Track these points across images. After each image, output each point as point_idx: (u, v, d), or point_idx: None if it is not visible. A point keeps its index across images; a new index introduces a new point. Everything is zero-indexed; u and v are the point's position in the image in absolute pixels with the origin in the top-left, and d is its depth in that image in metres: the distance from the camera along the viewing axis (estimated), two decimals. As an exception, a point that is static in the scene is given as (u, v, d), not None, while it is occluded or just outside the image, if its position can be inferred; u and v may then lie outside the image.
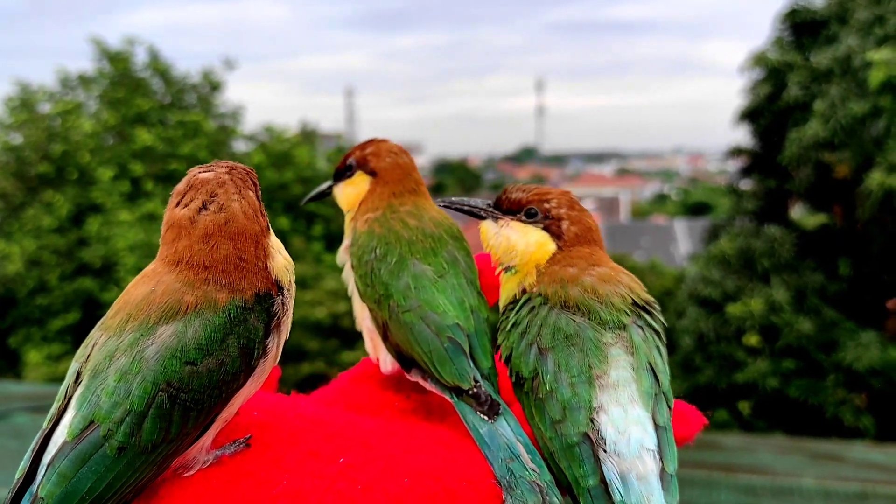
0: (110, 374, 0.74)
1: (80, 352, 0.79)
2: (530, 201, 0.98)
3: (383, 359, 1.05)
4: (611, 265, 0.96)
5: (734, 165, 8.90)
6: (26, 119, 11.16)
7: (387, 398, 1.05)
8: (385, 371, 1.06)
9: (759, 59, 7.67)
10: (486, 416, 0.89)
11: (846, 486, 1.73)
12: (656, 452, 0.81)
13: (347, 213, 1.15)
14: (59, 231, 10.41)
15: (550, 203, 0.98)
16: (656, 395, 0.85)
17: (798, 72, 7.20)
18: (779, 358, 6.63)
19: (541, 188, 1.00)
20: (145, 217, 10.13)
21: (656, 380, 0.86)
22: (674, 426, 0.87)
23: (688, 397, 1.05)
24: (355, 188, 1.14)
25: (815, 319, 6.63)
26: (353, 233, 1.10)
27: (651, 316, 0.92)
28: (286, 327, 0.83)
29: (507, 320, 0.94)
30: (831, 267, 7.09)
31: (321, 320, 8.06)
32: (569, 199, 0.99)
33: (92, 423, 0.72)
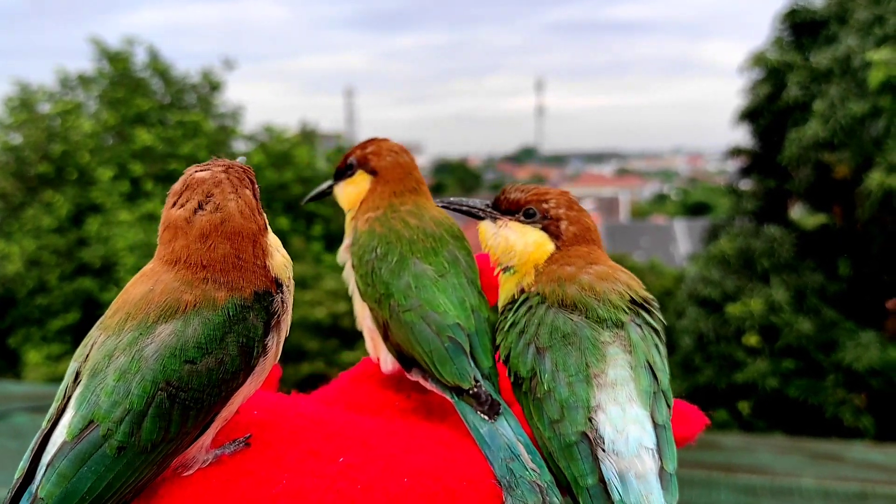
0: (109, 374, 0.73)
1: (79, 351, 0.79)
2: (529, 201, 0.98)
3: (384, 358, 1.05)
4: (609, 263, 0.96)
5: (734, 165, 8.89)
6: (26, 119, 11.15)
7: (387, 398, 1.05)
8: (385, 370, 1.06)
9: (759, 60, 7.67)
10: (486, 416, 0.89)
11: (846, 486, 1.73)
12: (655, 451, 0.81)
13: (348, 213, 1.15)
14: (59, 231, 10.40)
15: (549, 203, 0.98)
16: (655, 394, 0.85)
17: (798, 72, 7.20)
18: (778, 358, 6.63)
19: (539, 188, 1.00)
20: (145, 217, 10.12)
21: (655, 378, 0.86)
22: (675, 426, 0.86)
23: (687, 397, 1.06)
24: (356, 187, 1.14)
25: (815, 319, 6.63)
26: (353, 232, 1.10)
27: (649, 314, 0.92)
28: (285, 326, 0.83)
29: (506, 320, 0.94)
30: (831, 267, 7.09)
31: (321, 320, 8.06)
32: (567, 200, 0.99)
33: (91, 422, 0.72)
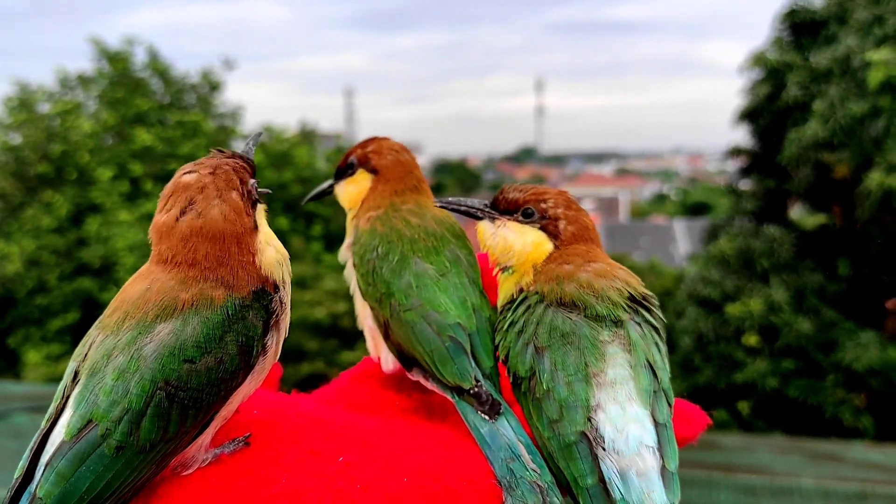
0: (108, 373, 0.73)
1: (78, 351, 0.79)
2: (527, 201, 0.98)
3: (384, 358, 1.05)
4: (607, 261, 0.96)
5: (733, 165, 8.89)
6: (25, 119, 11.14)
7: (388, 397, 1.05)
8: (386, 370, 1.06)
9: (759, 60, 7.67)
10: (487, 416, 0.89)
11: (845, 486, 1.72)
12: (656, 449, 0.81)
13: (349, 212, 1.15)
14: (59, 231, 10.40)
15: (547, 203, 0.97)
16: (655, 393, 0.84)
17: (797, 72, 7.20)
18: (778, 358, 6.63)
19: (538, 188, 1.00)
20: (144, 217, 10.11)
21: (655, 377, 0.86)
22: (677, 426, 0.86)
23: (687, 397, 1.05)
24: (357, 186, 1.13)
25: (815, 319, 6.63)
26: (355, 231, 1.10)
27: (649, 312, 0.91)
28: (285, 325, 0.83)
29: (505, 319, 0.94)
30: (830, 267, 7.09)
31: (321, 320, 8.06)
32: (566, 199, 0.99)
33: (90, 422, 0.72)
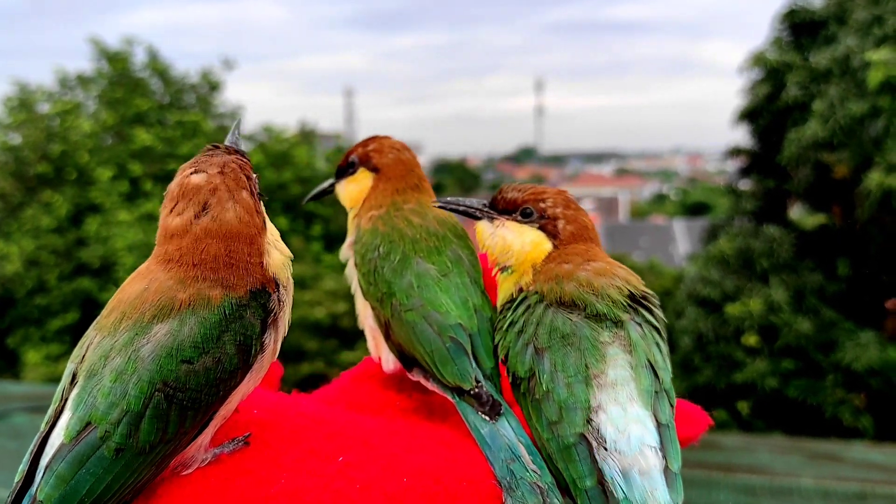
0: (106, 375, 0.73)
1: (76, 352, 0.79)
2: (526, 201, 0.98)
3: (385, 358, 1.05)
4: (607, 260, 0.95)
5: (733, 165, 8.90)
6: (25, 119, 11.14)
7: (388, 397, 1.04)
8: (387, 370, 1.05)
9: (758, 60, 7.67)
10: (487, 417, 0.89)
11: (845, 486, 1.72)
12: (658, 449, 0.80)
13: (351, 211, 1.14)
14: (58, 231, 10.40)
15: (546, 202, 0.97)
16: (657, 393, 0.84)
17: (797, 72, 7.20)
18: (778, 358, 6.63)
19: (536, 188, 1.00)
20: (144, 217, 10.12)
21: (656, 377, 0.85)
22: (679, 426, 0.86)
23: (687, 397, 1.05)
24: (358, 185, 1.13)
25: (814, 319, 6.63)
26: (356, 230, 1.09)
27: (650, 312, 0.91)
28: (283, 323, 0.83)
29: (504, 319, 0.94)
30: (830, 267, 7.09)
31: (320, 320, 8.06)
32: (564, 199, 0.98)
33: (89, 424, 0.72)
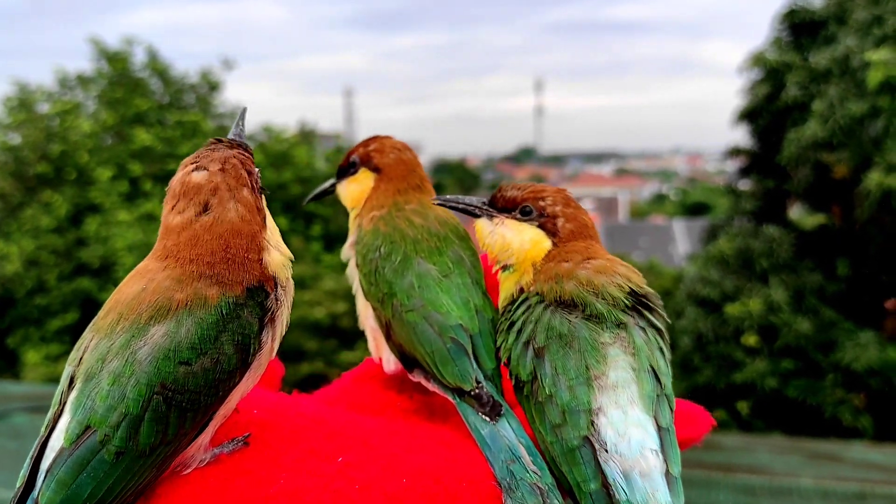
0: (104, 378, 0.73)
1: (73, 355, 0.78)
2: (525, 199, 0.98)
3: (386, 358, 1.04)
4: (607, 257, 0.95)
5: (733, 165, 8.90)
6: (25, 119, 11.14)
7: (389, 398, 1.04)
8: (388, 371, 1.05)
9: (758, 60, 7.68)
10: (487, 418, 0.88)
11: (844, 486, 1.72)
12: (659, 452, 0.80)
13: (352, 211, 1.14)
14: (58, 231, 10.39)
15: (545, 201, 0.97)
16: (658, 397, 0.84)
17: (797, 72, 7.20)
18: (777, 358, 6.63)
19: (536, 186, 0.99)
20: (144, 217, 10.12)
21: (658, 382, 0.85)
22: (682, 427, 0.86)
23: (686, 397, 1.05)
24: (359, 185, 1.13)
25: (814, 319, 6.64)
26: (358, 230, 1.09)
27: (653, 312, 0.90)
28: (281, 321, 0.82)
29: (505, 320, 0.94)
30: (830, 267, 7.10)
31: (320, 320, 8.05)
32: (564, 197, 0.98)
33: (88, 427, 0.71)
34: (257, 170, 0.84)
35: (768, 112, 7.56)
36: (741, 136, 8.13)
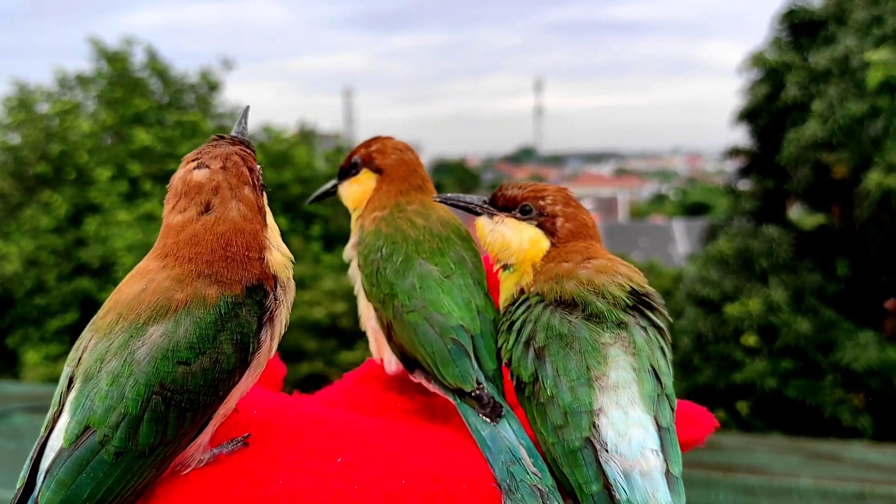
0: (102, 378, 0.73)
1: (72, 355, 0.78)
2: (525, 198, 0.97)
3: (387, 359, 1.04)
4: (608, 257, 0.94)
5: (732, 166, 8.90)
6: (24, 119, 11.14)
7: (390, 399, 1.04)
8: (389, 371, 1.05)
9: (758, 60, 7.68)
10: (488, 419, 0.88)
11: (844, 485, 1.73)
12: (660, 452, 0.80)
13: (354, 212, 1.14)
14: (57, 231, 10.39)
15: (545, 200, 0.97)
16: (658, 397, 0.84)
17: (796, 72, 7.21)
18: (777, 358, 6.63)
19: (536, 185, 0.99)
20: (143, 217, 10.11)
21: (659, 382, 0.85)
22: (685, 428, 0.85)
23: (686, 397, 1.05)
24: (361, 186, 1.13)
25: (814, 319, 6.64)
26: (360, 231, 1.09)
27: (654, 311, 0.90)
28: (280, 320, 0.82)
29: (505, 321, 0.93)
30: (829, 267, 7.10)
31: (319, 320, 8.04)
32: (564, 196, 0.98)
33: (88, 428, 0.71)
34: (259, 167, 0.84)
35: (768, 112, 7.57)
36: (741, 137, 8.15)
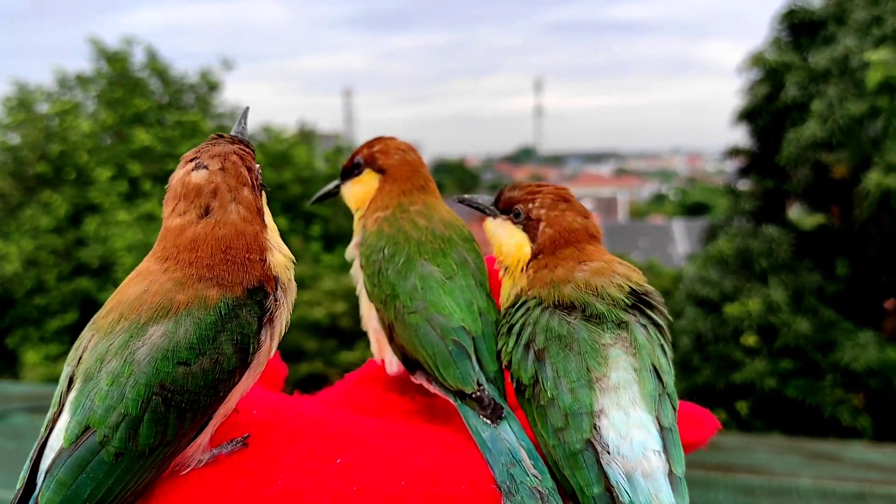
0: (102, 378, 0.72)
1: (71, 355, 0.78)
2: (518, 200, 0.97)
3: (389, 360, 1.04)
4: (604, 258, 0.93)
5: (732, 166, 8.90)
6: (24, 119, 11.14)
7: (391, 400, 1.04)
8: (390, 372, 1.05)
9: (757, 60, 7.68)
10: (488, 420, 0.88)
11: (843, 486, 1.73)
12: (662, 453, 0.79)
13: (356, 212, 1.14)
14: (57, 231, 10.39)
15: (534, 203, 0.96)
16: (660, 397, 0.83)
17: (796, 72, 7.21)
18: (776, 358, 6.63)
19: (533, 186, 0.98)
20: (143, 217, 10.12)
21: (660, 381, 0.84)
22: (687, 430, 0.84)
23: (686, 397, 1.05)
24: (364, 186, 1.12)
25: (813, 319, 6.64)
26: (362, 231, 1.09)
27: (654, 310, 0.89)
28: (280, 321, 0.82)
29: (504, 324, 0.93)
30: (829, 267, 7.10)
31: (319, 320, 8.04)
32: (553, 199, 0.96)
33: (88, 428, 0.71)
34: (258, 166, 0.84)
35: (767, 112, 7.56)
36: (740, 137, 8.14)
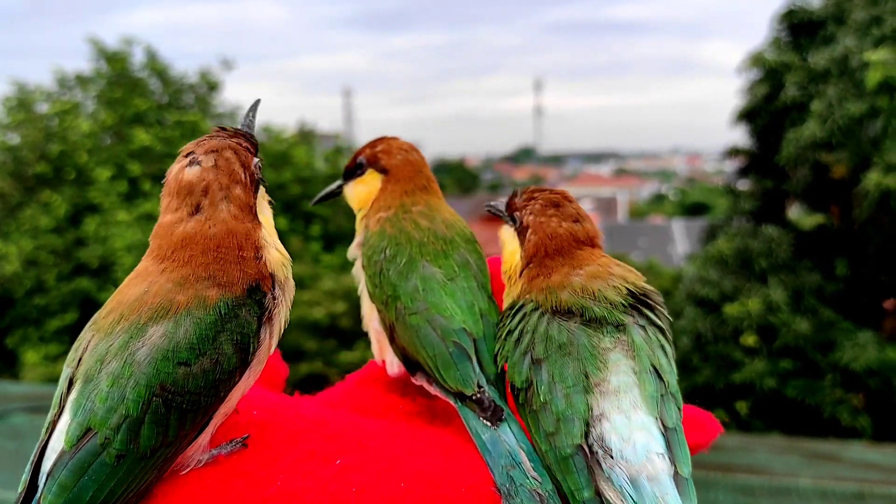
0: (103, 379, 0.72)
1: (71, 356, 0.78)
2: (518, 207, 0.98)
3: (389, 361, 1.04)
4: (599, 261, 0.92)
5: (732, 166, 8.90)
6: (24, 119, 11.13)
7: (392, 401, 1.04)
8: (391, 373, 1.05)
9: (757, 60, 7.68)
10: (488, 422, 0.88)
11: (843, 486, 1.73)
12: (666, 455, 0.78)
13: (359, 212, 1.13)
14: (57, 231, 10.38)
15: (525, 210, 0.96)
16: (662, 397, 0.82)
17: (795, 72, 7.21)
18: (776, 358, 6.63)
19: (533, 191, 0.99)
20: (143, 217, 10.12)
21: (662, 381, 0.83)
22: (690, 433, 0.84)
23: (686, 398, 1.05)
24: (366, 186, 1.12)
25: (813, 319, 6.64)
26: (364, 231, 1.09)
27: (653, 310, 0.89)
28: (279, 319, 0.82)
29: (503, 327, 0.93)
30: (828, 267, 7.10)
31: (319, 320, 8.04)
32: (542, 205, 0.96)
33: (89, 430, 0.71)
34: (257, 160, 0.83)
35: (767, 112, 7.56)
36: (740, 137, 8.14)
